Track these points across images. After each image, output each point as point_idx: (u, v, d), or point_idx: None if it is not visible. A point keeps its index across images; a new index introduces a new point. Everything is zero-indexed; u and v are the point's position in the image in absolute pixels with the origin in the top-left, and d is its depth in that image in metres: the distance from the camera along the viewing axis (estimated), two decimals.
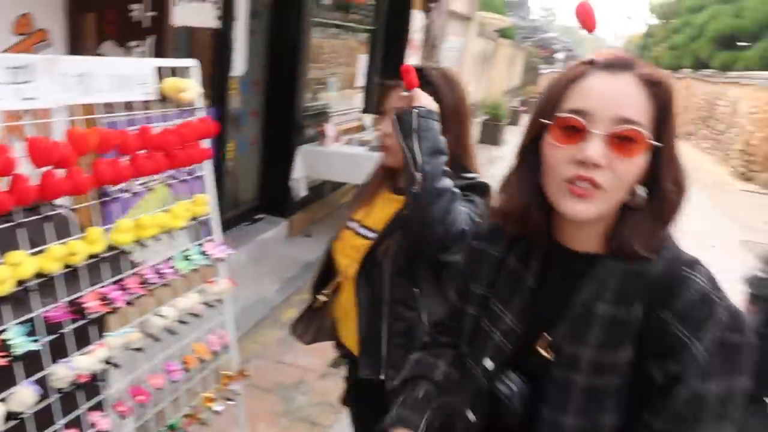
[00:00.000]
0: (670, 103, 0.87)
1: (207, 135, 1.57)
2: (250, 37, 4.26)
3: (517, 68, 24.02)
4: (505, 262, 1.00)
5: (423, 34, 7.72)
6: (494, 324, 0.98)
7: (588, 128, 0.84)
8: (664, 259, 0.88)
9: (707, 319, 0.82)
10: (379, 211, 1.51)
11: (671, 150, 0.88)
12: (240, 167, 4.75)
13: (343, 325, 1.57)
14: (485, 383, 0.97)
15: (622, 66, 0.87)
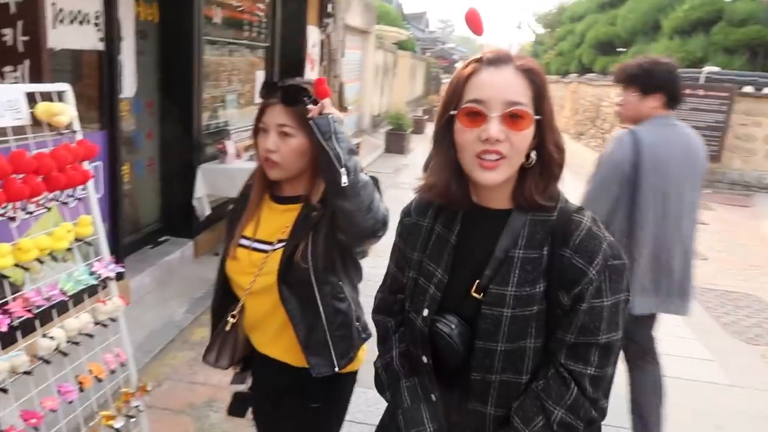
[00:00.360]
0: (543, 85, 1.11)
1: (86, 157, 1.58)
2: (139, 57, 4.20)
3: (419, 79, 24.74)
4: (433, 230, 1.24)
5: (320, 48, 7.86)
6: (428, 280, 1.21)
7: (486, 113, 1.08)
8: (559, 209, 1.14)
9: (596, 251, 1.09)
10: (270, 223, 1.55)
11: (550, 121, 1.12)
12: (138, 190, 4.64)
13: (257, 336, 1.61)
14: (426, 329, 1.18)
15: (503, 61, 1.11)
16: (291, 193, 1.57)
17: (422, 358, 1.23)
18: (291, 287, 1.49)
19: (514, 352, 1.13)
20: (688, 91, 10.19)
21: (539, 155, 1.13)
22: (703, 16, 12.47)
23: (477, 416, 1.19)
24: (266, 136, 1.48)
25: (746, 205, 9.28)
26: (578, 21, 21.41)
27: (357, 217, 1.35)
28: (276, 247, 1.53)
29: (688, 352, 4.02)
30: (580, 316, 1.10)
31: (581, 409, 1.12)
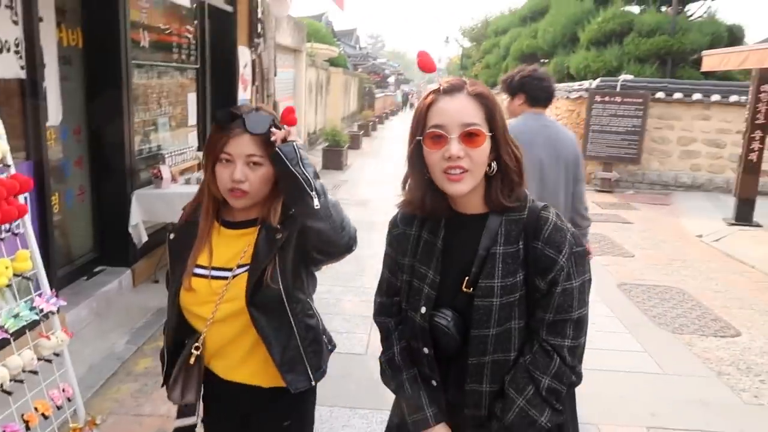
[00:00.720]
0: (493, 106, 1.32)
1: (21, 191, 1.55)
2: (64, 83, 4.08)
3: (353, 95, 24.94)
4: (421, 237, 1.42)
5: (252, 68, 7.84)
6: (422, 281, 1.40)
7: (447, 135, 1.28)
8: (528, 209, 1.35)
9: (563, 242, 1.31)
10: (225, 249, 1.53)
11: (503, 136, 1.33)
12: (69, 220, 4.48)
13: (220, 363, 1.58)
14: (426, 324, 1.36)
15: (457, 89, 1.32)
16: (244, 217, 1.55)
17: (423, 349, 1.40)
18: (261, 309, 1.49)
19: (503, 334, 1.33)
20: (607, 98, 10.81)
21: (498, 165, 1.33)
22: (616, 28, 13.27)
23: (475, 395, 1.37)
24: (230, 166, 1.45)
25: (666, 204, 9.89)
26: (502, 34, 22.24)
27: (333, 236, 1.42)
28: (237, 272, 1.51)
29: (620, 345, 4.26)
30: (556, 297, 1.31)
31: (564, 375, 1.33)
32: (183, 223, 1.59)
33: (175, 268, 1.56)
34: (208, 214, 1.55)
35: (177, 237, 1.59)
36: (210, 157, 1.49)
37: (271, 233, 1.50)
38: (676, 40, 12.48)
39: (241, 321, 1.50)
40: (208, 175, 1.52)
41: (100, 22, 4.45)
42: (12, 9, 3.31)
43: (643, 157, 10.79)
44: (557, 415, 1.34)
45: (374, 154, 15.92)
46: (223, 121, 1.46)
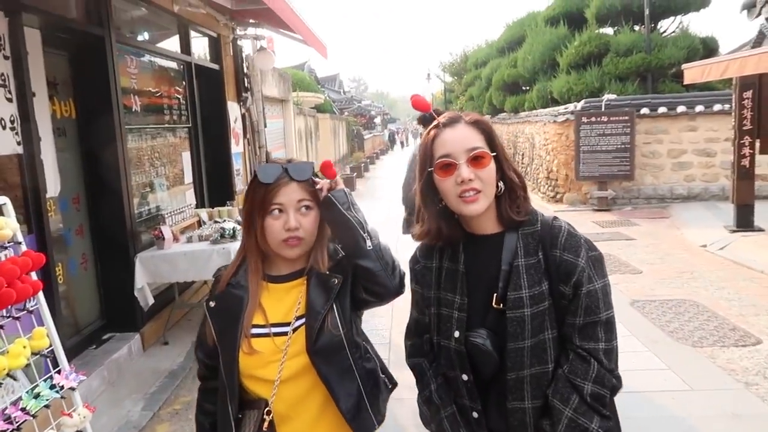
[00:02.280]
0: (490, 130, 1.41)
1: (34, 267, 1.53)
2: (60, 154, 4.10)
3: (342, 138, 25.20)
4: (442, 267, 1.46)
5: (243, 122, 7.92)
6: (450, 307, 1.42)
7: (455, 162, 1.35)
8: (540, 221, 1.41)
9: (579, 246, 1.38)
10: (280, 304, 1.50)
11: (503, 156, 1.40)
12: (74, 289, 4.43)
13: (294, 426, 1.48)
14: (461, 347, 1.38)
15: (455, 120, 1.40)
16: (290, 269, 1.53)
17: (461, 377, 1.41)
18: (324, 357, 1.44)
19: (538, 345, 1.36)
20: (593, 119, 10.95)
21: (504, 184, 1.40)
22: (593, 50, 13.52)
23: (518, 413, 1.38)
24: (282, 216, 1.45)
25: (665, 216, 9.90)
26: (482, 66, 22.65)
27: (384, 277, 1.44)
28: (297, 325, 1.47)
29: (642, 364, 4.18)
30: (582, 299, 1.35)
31: (604, 378, 1.35)
32: (223, 289, 1.51)
33: (223, 336, 1.48)
34: (257, 273, 1.51)
35: (218, 304, 1.51)
36: (258, 212, 1.47)
37: (324, 280, 1.49)
38: (653, 56, 12.72)
39: (310, 376, 1.45)
40: (254, 232, 1.49)
41: (91, 92, 4.51)
42: (5, 87, 3.35)
43: (637, 173, 10.86)
44: (606, 420, 1.34)
45: (370, 195, 15.96)
46: (273, 177, 1.45)
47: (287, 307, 1.49)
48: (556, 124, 11.99)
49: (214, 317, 1.50)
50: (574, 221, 3.48)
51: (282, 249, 1.47)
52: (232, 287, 1.50)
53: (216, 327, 1.49)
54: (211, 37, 7.14)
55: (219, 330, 1.48)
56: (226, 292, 1.50)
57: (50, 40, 4.08)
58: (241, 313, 1.46)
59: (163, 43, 6.24)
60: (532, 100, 15.58)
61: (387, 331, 4.99)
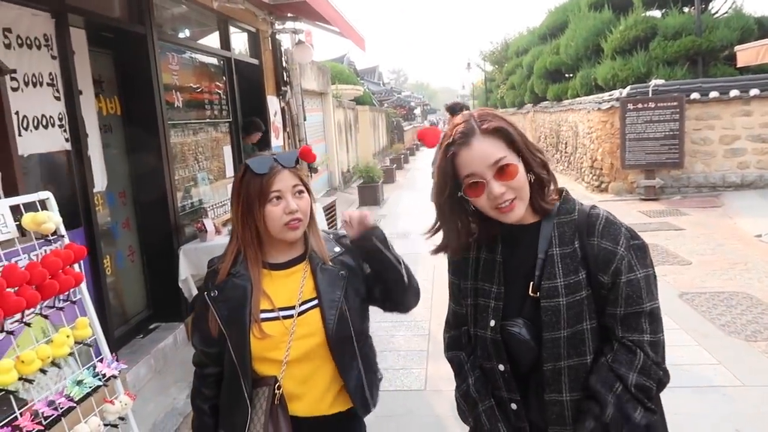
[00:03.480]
0: (507, 131, 1.33)
1: (76, 260, 1.58)
2: (107, 150, 4.23)
3: (381, 130, 25.21)
4: (479, 258, 1.45)
5: (282, 116, 8.01)
6: (487, 297, 1.41)
7: (483, 180, 1.31)
8: (577, 210, 1.38)
9: (618, 233, 1.33)
10: (281, 290, 1.58)
11: (526, 151, 1.35)
12: (122, 280, 4.58)
13: (303, 403, 1.58)
14: (497, 336, 1.36)
15: (469, 135, 1.33)
16: (289, 257, 1.62)
17: (498, 367, 1.39)
18: (340, 346, 1.56)
19: (575, 336, 1.32)
20: (640, 105, 10.60)
21: (533, 176, 1.36)
22: (640, 34, 13.07)
23: (556, 405, 1.35)
24: (281, 202, 1.54)
25: (716, 205, 9.53)
26: (524, 54, 22.21)
27: (409, 299, 1.64)
28: (303, 309, 1.56)
29: (691, 359, 4.04)
30: (623, 288, 1.30)
31: (651, 370, 1.30)
32: (224, 279, 1.58)
33: (230, 323, 1.55)
34: (257, 262, 1.58)
35: (221, 294, 1.58)
36: (258, 201, 1.54)
37: (331, 271, 1.60)
38: (704, 38, 12.20)
39: (316, 359, 1.56)
40: (253, 223, 1.57)
41: (134, 89, 4.63)
42: (53, 86, 3.47)
43: (686, 161, 10.47)
44: (650, 413, 1.30)
45: (410, 187, 15.94)
46: (267, 167, 1.54)
47: (290, 291, 1.58)
48: (601, 112, 11.67)
49: (218, 306, 1.56)
50: (619, 211, 3.36)
51: (284, 233, 1.55)
52: (233, 277, 1.57)
53: (221, 315, 1.56)
54: (250, 32, 7.23)
55: (225, 317, 1.55)
56: (228, 282, 1.57)
57: (95, 40, 4.20)
58: (247, 300, 1.54)
59: (203, 39, 6.35)
60: (575, 87, 15.19)
61: (426, 322, 4.97)
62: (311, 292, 1.59)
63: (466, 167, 1.33)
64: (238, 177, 1.60)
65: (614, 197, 11.09)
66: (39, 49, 3.39)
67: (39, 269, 1.41)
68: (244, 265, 1.57)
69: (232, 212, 1.62)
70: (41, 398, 1.40)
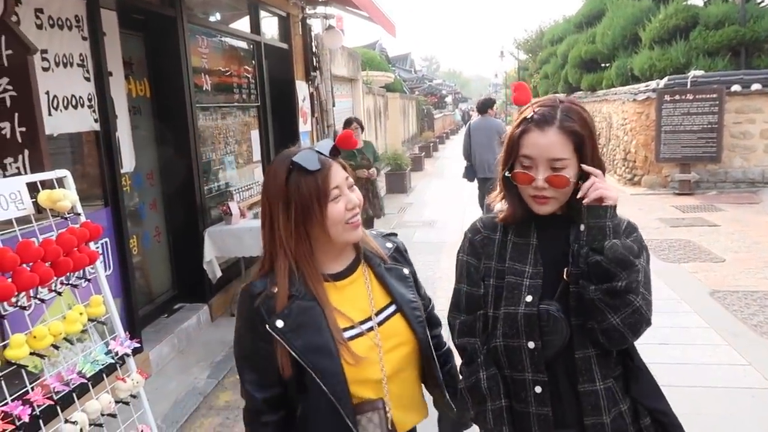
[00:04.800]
0: (582, 136, 1.35)
1: (91, 238, 1.59)
2: (135, 132, 4.28)
3: (411, 118, 25.07)
4: (507, 241, 1.45)
5: (311, 101, 8.00)
6: (520, 276, 1.40)
7: (535, 168, 1.35)
8: None
9: (634, 231, 1.41)
10: (356, 300, 1.40)
11: (590, 160, 1.36)
12: (148, 261, 4.66)
13: (401, 417, 1.42)
14: (534, 310, 1.35)
15: (548, 122, 1.34)
16: (344, 263, 1.43)
17: (528, 344, 1.35)
18: (427, 347, 1.45)
19: None
20: (677, 97, 10.28)
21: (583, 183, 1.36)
22: (680, 23, 12.66)
23: (591, 396, 1.34)
24: (341, 198, 1.34)
25: (754, 202, 9.21)
26: (558, 43, 21.75)
27: None
28: (381, 318, 1.39)
29: (720, 358, 3.92)
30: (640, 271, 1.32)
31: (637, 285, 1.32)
32: (286, 304, 1.32)
33: (310, 353, 1.31)
34: (318, 278, 1.36)
35: (288, 322, 1.32)
36: (320, 202, 1.32)
37: (396, 270, 1.47)
38: (748, 28, 11.74)
39: (409, 366, 1.43)
40: (312, 228, 1.35)
41: (164, 72, 4.68)
42: (84, 67, 3.52)
43: (724, 155, 10.13)
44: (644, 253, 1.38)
45: (437, 175, 15.84)
46: (318, 162, 1.33)
47: (362, 301, 1.40)
48: (636, 103, 11.37)
49: (288, 338, 1.30)
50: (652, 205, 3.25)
51: (347, 233, 1.36)
52: (297, 299, 1.33)
53: (296, 347, 1.30)
54: (281, 16, 7.22)
55: (302, 348, 1.30)
56: (294, 307, 1.32)
57: (126, 22, 4.24)
58: (323, 322, 1.32)
59: (233, 23, 6.37)
60: (610, 77, 14.83)
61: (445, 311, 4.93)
62: (384, 297, 1.42)
63: (527, 148, 1.36)
64: (279, 181, 1.33)
65: (647, 191, 10.82)
66: (70, 29, 3.43)
67: (53, 246, 1.43)
68: (303, 283, 1.34)
69: (277, 225, 1.34)
70: (53, 373, 1.41)
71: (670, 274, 5.73)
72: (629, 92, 11.98)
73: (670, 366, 3.77)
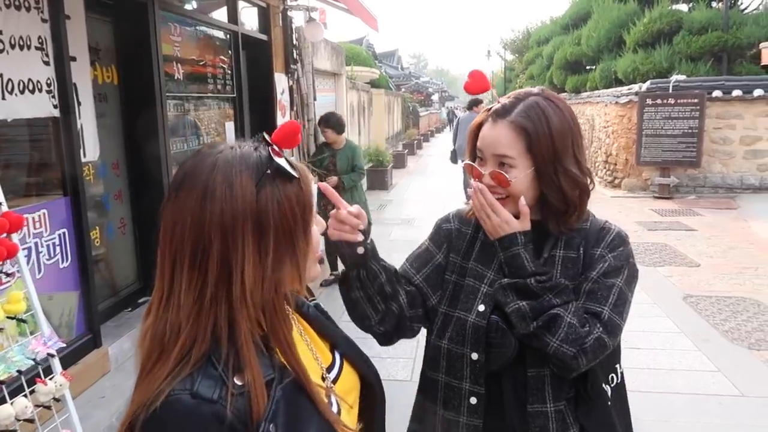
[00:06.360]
0: (536, 135, 1.22)
1: (12, 230, 1.47)
2: (101, 119, 4.13)
3: (396, 115, 24.96)
4: (476, 238, 1.36)
5: (290, 94, 7.87)
6: (479, 280, 1.31)
7: (483, 163, 1.28)
8: (590, 220, 1.32)
9: (620, 245, 1.29)
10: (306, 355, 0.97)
11: (548, 167, 1.23)
12: (112, 253, 4.51)
13: None
14: (482, 321, 1.26)
15: (501, 115, 1.25)
16: None
17: (471, 355, 1.27)
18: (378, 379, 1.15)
19: None
20: (659, 101, 10.31)
21: (551, 197, 1.26)
22: (664, 28, 12.72)
23: (539, 417, 1.25)
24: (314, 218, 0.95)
25: (732, 207, 9.27)
26: (545, 44, 21.81)
27: None
28: (333, 375, 1.02)
29: (690, 364, 3.89)
30: (595, 283, 1.25)
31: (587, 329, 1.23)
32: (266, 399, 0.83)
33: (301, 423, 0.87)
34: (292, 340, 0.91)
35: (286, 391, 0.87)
36: (306, 220, 0.89)
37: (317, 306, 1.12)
38: (730, 35, 11.84)
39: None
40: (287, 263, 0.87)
41: (133, 59, 4.52)
42: (43, 50, 3.37)
43: (704, 160, 10.20)
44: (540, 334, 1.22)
45: (420, 173, 15.78)
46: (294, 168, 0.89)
47: (308, 360, 0.96)
48: (618, 106, 11.39)
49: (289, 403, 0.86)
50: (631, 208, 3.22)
51: (314, 267, 0.95)
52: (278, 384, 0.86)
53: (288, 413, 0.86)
54: (260, 6, 7.07)
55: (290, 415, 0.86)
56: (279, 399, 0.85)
57: (93, 6, 4.08)
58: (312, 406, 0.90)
59: (211, 12, 6.21)
60: (594, 79, 14.88)
61: None
62: (323, 346, 1.05)
63: (480, 141, 1.30)
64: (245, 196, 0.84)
65: (627, 193, 10.85)
66: (28, 11, 3.27)
67: None
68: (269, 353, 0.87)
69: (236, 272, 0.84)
70: None
71: (645, 277, 5.72)
72: (612, 95, 12.01)
73: (640, 371, 3.73)
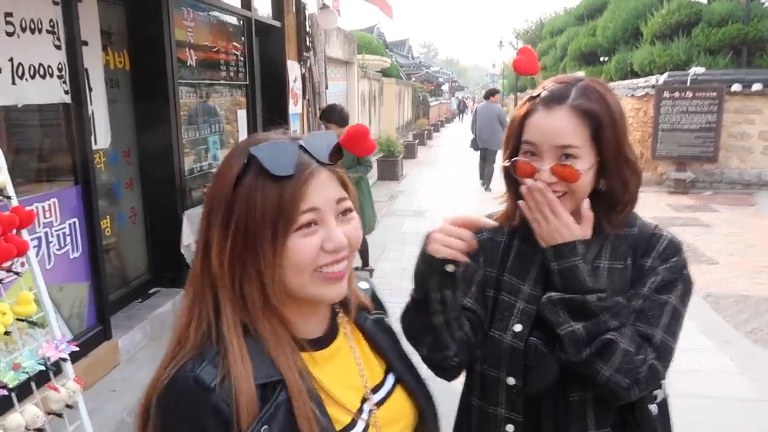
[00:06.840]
0: (601, 121, 1.08)
1: (22, 225, 1.39)
2: (112, 106, 4.05)
3: (407, 104, 24.78)
4: (511, 246, 1.21)
5: (302, 82, 7.77)
6: (514, 295, 1.16)
7: (538, 158, 1.10)
8: (638, 225, 1.18)
9: (674, 255, 1.15)
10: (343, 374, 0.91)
11: (613, 157, 1.11)
12: (122, 242, 4.45)
13: None
14: (520, 344, 1.12)
15: (557, 100, 1.09)
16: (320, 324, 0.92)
17: (507, 380, 1.14)
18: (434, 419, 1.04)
19: None
20: (677, 94, 10.11)
21: (607, 187, 1.14)
22: (683, 20, 12.48)
23: None
24: (319, 229, 0.83)
25: (750, 204, 9.11)
26: (558, 35, 21.53)
27: None
28: (380, 397, 0.93)
29: (710, 366, 3.79)
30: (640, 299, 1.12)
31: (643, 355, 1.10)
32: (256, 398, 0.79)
33: None
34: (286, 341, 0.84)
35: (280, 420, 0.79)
36: (273, 230, 0.80)
37: (382, 321, 1.03)
38: (751, 27, 11.59)
39: None
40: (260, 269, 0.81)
41: (145, 44, 4.43)
42: (54, 34, 3.28)
43: (721, 155, 10.01)
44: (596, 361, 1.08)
45: (430, 163, 15.66)
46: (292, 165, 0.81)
47: (351, 377, 0.91)
48: (634, 99, 11.20)
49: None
50: (646, 203, 3.10)
51: (318, 287, 0.83)
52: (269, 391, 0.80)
53: None
54: None
55: None
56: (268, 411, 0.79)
57: None
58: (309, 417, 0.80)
59: None
60: (609, 71, 14.66)
61: None
62: (378, 366, 0.96)
63: (531, 133, 1.11)
64: (227, 180, 0.82)
65: (642, 188, 10.65)
66: None
67: None
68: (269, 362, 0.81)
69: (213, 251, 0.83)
70: None
71: None
72: (627, 87, 11.81)
73: None
